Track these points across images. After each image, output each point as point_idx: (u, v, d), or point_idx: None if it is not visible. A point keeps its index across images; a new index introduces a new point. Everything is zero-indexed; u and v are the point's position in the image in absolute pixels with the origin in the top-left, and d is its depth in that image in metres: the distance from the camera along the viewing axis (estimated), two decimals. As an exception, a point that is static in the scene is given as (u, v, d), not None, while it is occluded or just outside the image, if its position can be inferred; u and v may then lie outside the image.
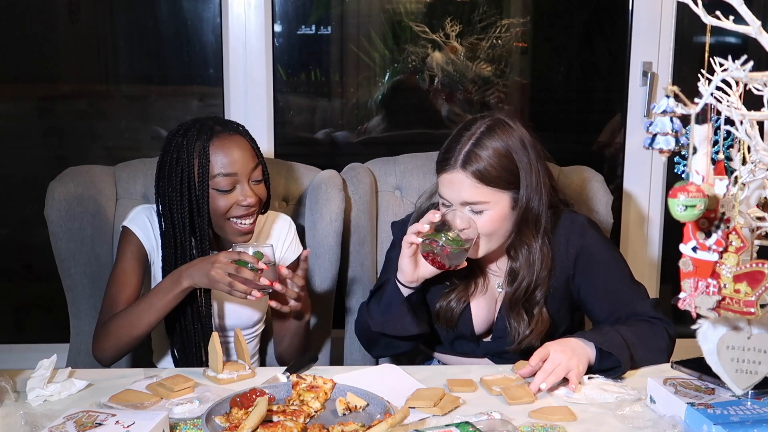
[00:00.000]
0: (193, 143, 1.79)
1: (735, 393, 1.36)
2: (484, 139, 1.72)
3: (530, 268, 1.78)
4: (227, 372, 1.65)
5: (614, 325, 1.72)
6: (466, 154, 1.70)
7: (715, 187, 1.13)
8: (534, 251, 1.78)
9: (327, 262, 2.12)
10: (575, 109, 3.10)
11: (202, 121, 1.85)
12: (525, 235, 1.78)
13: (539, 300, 1.80)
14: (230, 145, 1.81)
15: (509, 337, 1.81)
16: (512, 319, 1.80)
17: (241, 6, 2.58)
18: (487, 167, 1.70)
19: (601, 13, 3.02)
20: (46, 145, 2.98)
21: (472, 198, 1.71)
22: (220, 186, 1.79)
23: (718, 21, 1.05)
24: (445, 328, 1.86)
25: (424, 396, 1.52)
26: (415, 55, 2.87)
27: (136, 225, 1.90)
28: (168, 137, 1.86)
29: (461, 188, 1.71)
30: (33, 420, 1.41)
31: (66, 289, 2.13)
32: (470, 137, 1.72)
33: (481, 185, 1.70)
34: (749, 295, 1.13)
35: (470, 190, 1.70)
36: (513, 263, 1.82)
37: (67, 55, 2.94)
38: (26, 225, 2.93)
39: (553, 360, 1.58)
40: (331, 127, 2.99)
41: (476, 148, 1.70)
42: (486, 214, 1.72)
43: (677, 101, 1.10)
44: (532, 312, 1.80)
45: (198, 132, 1.81)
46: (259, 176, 1.85)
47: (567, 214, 1.85)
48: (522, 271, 1.79)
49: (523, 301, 1.80)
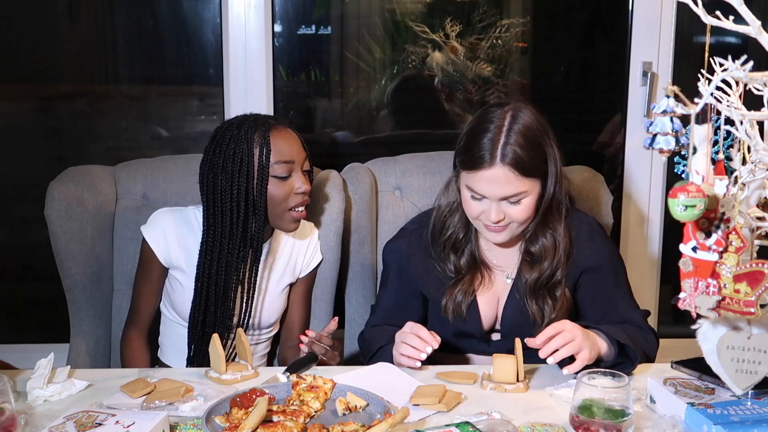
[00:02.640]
0: (253, 133, 1.84)
1: (735, 393, 1.36)
2: (514, 129, 1.69)
3: (556, 251, 1.80)
4: (230, 372, 1.65)
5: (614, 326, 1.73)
6: (503, 147, 1.67)
7: (715, 187, 1.13)
8: (558, 235, 1.80)
9: (327, 262, 2.12)
10: (575, 109, 3.10)
11: (254, 116, 1.91)
12: (551, 220, 1.79)
13: (561, 280, 1.81)
14: (287, 135, 1.88)
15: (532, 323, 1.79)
16: (536, 304, 1.80)
17: (241, 6, 2.58)
18: (525, 158, 1.68)
19: (601, 13, 3.02)
20: (46, 145, 2.98)
21: (513, 191, 1.69)
22: (279, 173, 1.84)
23: (718, 21, 1.05)
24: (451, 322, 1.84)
25: (428, 393, 1.52)
26: (415, 55, 2.87)
27: (150, 232, 1.95)
28: (219, 132, 1.88)
29: (504, 183, 1.68)
30: (33, 420, 1.42)
31: (66, 289, 2.12)
32: (500, 129, 1.69)
33: (521, 177, 1.68)
34: (749, 295, 1.13)
35: (512, 184, 1.69)
36: (533, 246, 1.82)
37: (67, 55, 2.94)
38: (26, 225, 2.93)
39: (572, 333, 1.59)
40: (331, 127, 2.99)
41: (510, 140, 1.68)
42: (523, 203, 1.72)
43: (677, 101, 1.10)
44: (555, 294, 1.80)
45: (254, 123, 1.86)
46: (308, 167, 1.92)
47: (576, 214, 1.86)
48: (547, 255, 1.80)
49: (547, 284, 1.81)
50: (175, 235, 1.93)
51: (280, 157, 1.84)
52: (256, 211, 1.85)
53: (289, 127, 1.92)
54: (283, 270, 2.00)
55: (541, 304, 1.80)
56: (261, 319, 1.98)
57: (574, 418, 1.35)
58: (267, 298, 1.98)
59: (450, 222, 1.85)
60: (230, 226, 1.85)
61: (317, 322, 2.15)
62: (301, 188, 1.87)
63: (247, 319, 1.91)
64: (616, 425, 1.32)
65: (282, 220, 1.89)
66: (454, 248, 1.85)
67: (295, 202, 1.87)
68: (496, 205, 1.71)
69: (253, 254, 1.89)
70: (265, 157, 1.83)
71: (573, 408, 1.36)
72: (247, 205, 1.84)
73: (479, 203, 1.73)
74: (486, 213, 1.73)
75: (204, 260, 1.87)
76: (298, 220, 1.90)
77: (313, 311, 2.14)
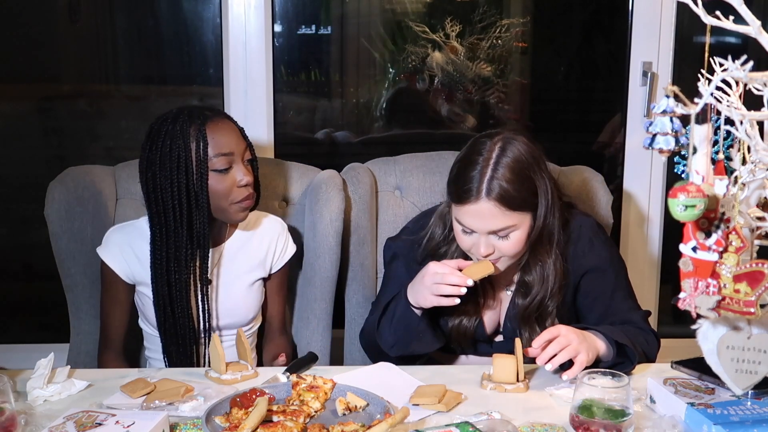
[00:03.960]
0: (188, 127, 1.80)
1: (735, 393, 1.36)
2: (501, 163, 1.66)
3: (544, 283, 1.78)
4: (230, 373, 1.65)
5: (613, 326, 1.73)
6: (489, 182, 1.65)
7: (715, 187, 1.13)
8: (548, 267, 1.77)
9: (327, 262, 2.12)
10: (575, 109, 3.10)
11: (189, 108, 1.86)
12: (539, 252, 1.77)
13: (551, 311, 1.79)
14: (223, 126, 1.84)
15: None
16: (525, 331, 1.79)
17: (241, 6, 2.58)
18: (512, 192, 1.65)
19: (601, 13, 3.02)
20: (46, 145, 2.98)
21: (500, 225, 1.67)
22: (218, 166, 1.80)
23: (718, 21, 1.05)
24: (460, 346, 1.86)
25: (428, 393, 1.52)
26: (415, 55, 2.87)
27: (107, 253, 1.93)
28: (153, 127, 1.85)
29: (490, 218, 1.66)
30: (33, 420, 1.42)
31: (66, 289, 2.13)
32: (487, 162, 1.67)
33: (508, 211, 1.66)
34: (749, 295, 1.13)
35: (498, 218, 1.66)
36: (526, 276, 1.80)
37: (67, 55, 2.94)
38: (26, 225, 2.93)
39: (567, 338, 1.59)
40: (331, 127, 2.99)
41: (497, 174, 1.65)
42: (512, 237, 1.69)
43: (677, 101, 1.10)
44: (545, 324, 1.78)
45: (189, 116, 1.82)
46: (249, 156, 1.87)
47: (576, 219, 1.85)
48: (536, 287, 1.78)
49: (536, 313, 1.79)
50: (132, 250, 1.91)
51: (218, 150, 1.80)
52: (198, 207, 1.81)
53: (227, 117, 1.88)
54: (251, 265, 1.98)
55: (530, 332, 1.78)
56: (236, 318, 1.96)
57: (574, 418, 1.35)
58: (239, 295, 1.96)
59: (447, 252, 1.82)
60: (174, 224, 1.81)
61: (317, 322, 2.15)
62: (243, 180, 1.82)
63: (208, 317, 1.89)
64: (616, 425, 1.32)
65: (227, 213, 1.84)
66: None
67: (239, 196, 1.82)
68: (485, 238, 1.69)
69: (202, 251, 1.85)
70: (203, 151, 1.79)
71: (573, 408, 1.36)
72: (189, 201, 1.80)
73: (469, 237, 1.72)
74: (476, 246, 1.71)
75: (155, 262, 1.84)
76: (245, 210, 1.86)
77: (313, 311, 2.14)
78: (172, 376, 1.62)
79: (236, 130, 1.87)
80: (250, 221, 1.98)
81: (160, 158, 1.80)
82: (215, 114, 1.86)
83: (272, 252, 2.01)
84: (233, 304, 1.96)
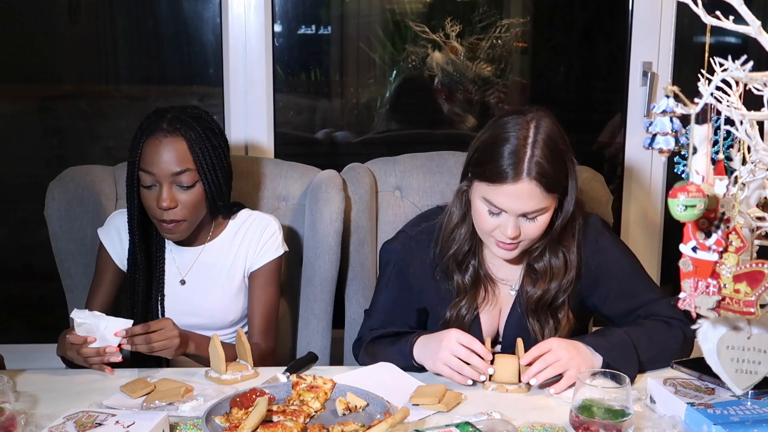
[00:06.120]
0: (140, 132, 1.83)
1: (735, 393, 1.36)
2: (539, 141, 1.60)
3: (566, 271, 1.74)
4: (230, 373, 1.65)
5: (628, 328, 1.68)
6: (529, 161, 1.58)
7: (715, 187, 1.13)
8: (571, 254, 1.74)
9: (327, 262, 2.12)
10: (575, 109, 3.10)
11: (161, 114, 1.85)
12: (565, 239, 1.73)
13: (565, 303, 1.76)
14: (162, 145, 1.79)
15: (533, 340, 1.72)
16: (537, 322, 1.76)
17: (241, 6, 2.58)
18: (552, 174, 1.60)
19: (601, 13, 3.02)
20: (46, 145, 2.98)
21: (535, 207, 1.61)
22: (142, 180, 1.83)
23: (718, 21, 1.05)
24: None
25: (428, 393, 1.52)
26: (415, 55, 2.87)
27: (105, 234, 1.97)
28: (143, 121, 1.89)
29: (528, 199, 1.60)
30: (33, 420, 1.42)
31: (66, 289, 2.13)
32: (525, 141, 1.60)
33: (546, 193, 1.61)
34: (749, 295, 1.13)
35: (535, 199, 1.60)
36: (537, 264, 1.75)
37: (67, 55, 2.94)
38: (26, 225, 2.93)
39: (555, 354, 1.57)
40: (331, 127, 2.99)
41: (536, 153, 1.59)
42: (539, 220, 1.64)
43: (677, 101, 1.10)
44: (558, 315, 1.76)
45: (147, 122, 1.84)
46: (188, 182, 1.81)
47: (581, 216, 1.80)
48: (557, 275, 1.74)
49: (550, 304, 1.76)
50: (122, 235, 1.94)
51: (143, 165, 1.81)
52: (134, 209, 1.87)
53: (183, 137, 1.80)
54: (233, 267, 1.96)
55: (542, 323, 1.75)
56: (214, 319, 1.95)
57: (574, 418, 1.35)
58: (216, 296, 1.95)
59: (457, 234, 1.78)
60: (129, 219, 1.89)
61: (317, 322, 2.15)
62: (163, 204, 1.79)
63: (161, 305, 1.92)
64: (616, 425, 1.32)
65: (158, 228, 1.87)
66: (458, 264, 1.78)
67: (159, 215, 1.82)
68: (514, 220, 1.63)
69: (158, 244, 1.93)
70: (138, 160, 1.82)
71: (573, 408, 1.36)
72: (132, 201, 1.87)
73: (495, 218, 1.65)
74: (502, 228, 1.64)
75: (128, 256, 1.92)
76: (169, 233, 1.85)
77: (312, 311, 2.14)
78: (172, 376, 1.62)
79: (181, 152, 1.80)
80: (240, 222, 1.98)
81: (129, 152, 1.85)
82: (171, 130, 1.80)
83: (252, 248, 1.96)
84: (211, 305, 1.95)
